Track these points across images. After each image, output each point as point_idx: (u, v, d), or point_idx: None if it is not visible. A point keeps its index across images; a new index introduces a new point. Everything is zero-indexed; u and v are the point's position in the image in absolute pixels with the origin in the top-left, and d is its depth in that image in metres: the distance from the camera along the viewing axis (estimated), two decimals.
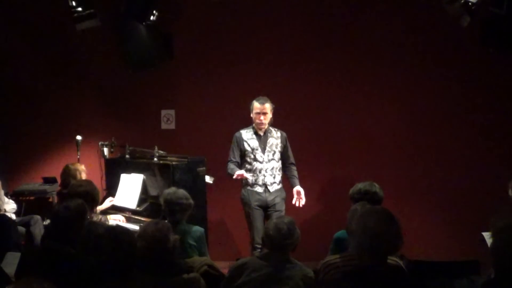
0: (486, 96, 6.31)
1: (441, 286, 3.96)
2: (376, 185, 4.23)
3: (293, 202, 5.37)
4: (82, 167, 5.76)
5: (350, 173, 6.02)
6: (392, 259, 3.15)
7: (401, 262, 3.38)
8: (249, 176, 5.29)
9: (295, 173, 5.51)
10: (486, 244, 3.98)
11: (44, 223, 5.79)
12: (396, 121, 6.45)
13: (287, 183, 5.54)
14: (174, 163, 5.34)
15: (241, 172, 5.24)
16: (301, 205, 5.35)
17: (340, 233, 4.11)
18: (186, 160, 5.42)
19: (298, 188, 5.37)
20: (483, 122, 6.34)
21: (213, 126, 6.59)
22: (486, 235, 4.25)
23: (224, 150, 6.26)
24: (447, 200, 6.37)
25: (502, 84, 6.28)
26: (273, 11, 6.48)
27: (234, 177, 5.26)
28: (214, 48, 6.55)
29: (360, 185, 4.23)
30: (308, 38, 6.48)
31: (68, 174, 5.68)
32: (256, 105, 5.38)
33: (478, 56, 6.12)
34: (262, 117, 5.34)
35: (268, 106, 5.36)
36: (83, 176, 5.62)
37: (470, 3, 4.85)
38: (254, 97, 5.99)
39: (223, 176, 5.44)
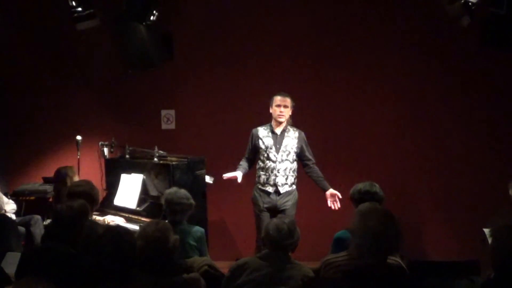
0: (486, 96, 6.31)
1: (441, 286, 3.96)
2: (376, 185, 4.21)
3: (329, 205, 5.26)
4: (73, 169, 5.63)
5: (351, 173, 6.02)
6: (393, 259, 3.15)
7: (401, 262, 3.38)
8: (239, 177, 5.22)
9: (321, 173, 5.35)
10: (487, 242, 3.98)
11: (44, 223, 5.78)
12: (395, 121, 6.45)
13: (302, 186, 5.41)
14: (174, 163, 5.34)
15: (228, 175, 5.23)
16: (336, 208, 5.24)
17: (341, 233, 4.10)
18: (186, 160, 5.42)
19: (333, 190, 5.24)
20: (483, 122, 6.34)
21: (213, 126, 6.59)
22: (487, 232, 4.25)
23: (224, 150, 6.28)
24: (447, 200, 6.37)
25: (502, 84, 6.28)
26: (273, 11, 6.48)
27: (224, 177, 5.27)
28: (214, 48, 6.55)
29: (360, 185, 4.21)
30: (309, 39, 6.48)
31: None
32: (277, 97, 5.26)
33: (478, 56, 6.12)
34: (282, 109, 5.21)
35: (289, 100, 5.26)
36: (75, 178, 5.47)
37: (470, 3, 4.84)
38: (254, 96, 6.00)
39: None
